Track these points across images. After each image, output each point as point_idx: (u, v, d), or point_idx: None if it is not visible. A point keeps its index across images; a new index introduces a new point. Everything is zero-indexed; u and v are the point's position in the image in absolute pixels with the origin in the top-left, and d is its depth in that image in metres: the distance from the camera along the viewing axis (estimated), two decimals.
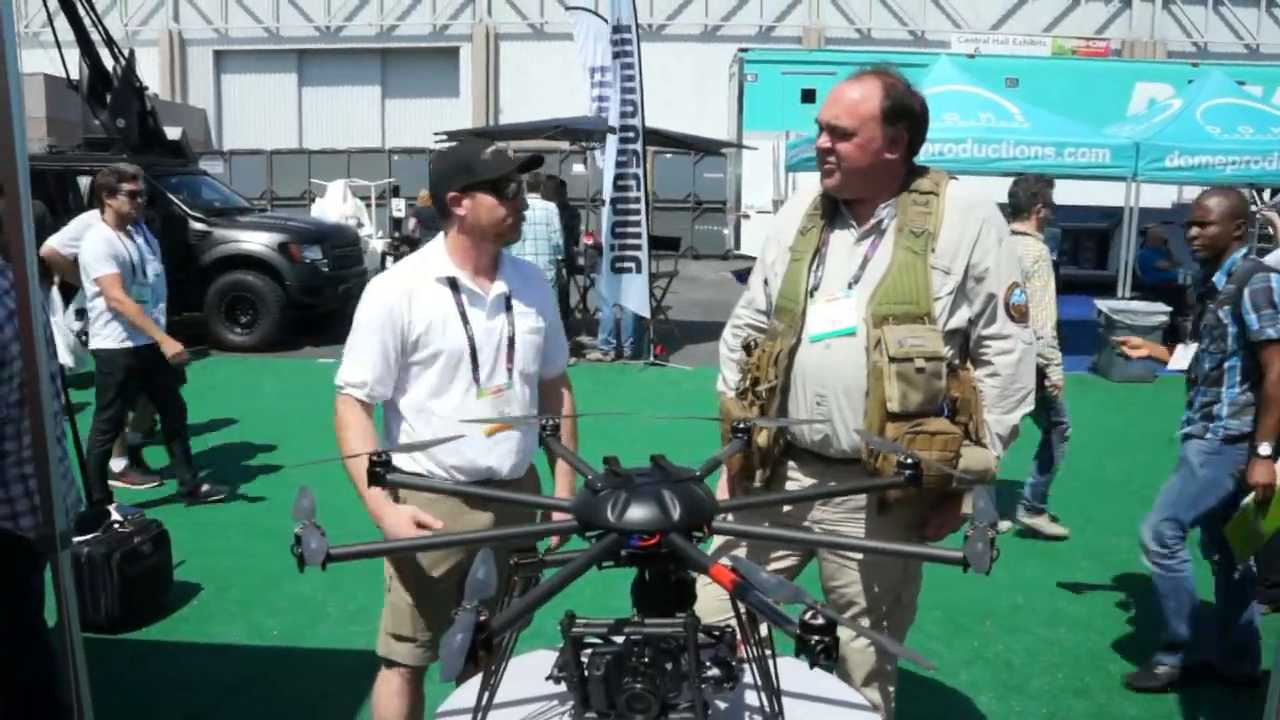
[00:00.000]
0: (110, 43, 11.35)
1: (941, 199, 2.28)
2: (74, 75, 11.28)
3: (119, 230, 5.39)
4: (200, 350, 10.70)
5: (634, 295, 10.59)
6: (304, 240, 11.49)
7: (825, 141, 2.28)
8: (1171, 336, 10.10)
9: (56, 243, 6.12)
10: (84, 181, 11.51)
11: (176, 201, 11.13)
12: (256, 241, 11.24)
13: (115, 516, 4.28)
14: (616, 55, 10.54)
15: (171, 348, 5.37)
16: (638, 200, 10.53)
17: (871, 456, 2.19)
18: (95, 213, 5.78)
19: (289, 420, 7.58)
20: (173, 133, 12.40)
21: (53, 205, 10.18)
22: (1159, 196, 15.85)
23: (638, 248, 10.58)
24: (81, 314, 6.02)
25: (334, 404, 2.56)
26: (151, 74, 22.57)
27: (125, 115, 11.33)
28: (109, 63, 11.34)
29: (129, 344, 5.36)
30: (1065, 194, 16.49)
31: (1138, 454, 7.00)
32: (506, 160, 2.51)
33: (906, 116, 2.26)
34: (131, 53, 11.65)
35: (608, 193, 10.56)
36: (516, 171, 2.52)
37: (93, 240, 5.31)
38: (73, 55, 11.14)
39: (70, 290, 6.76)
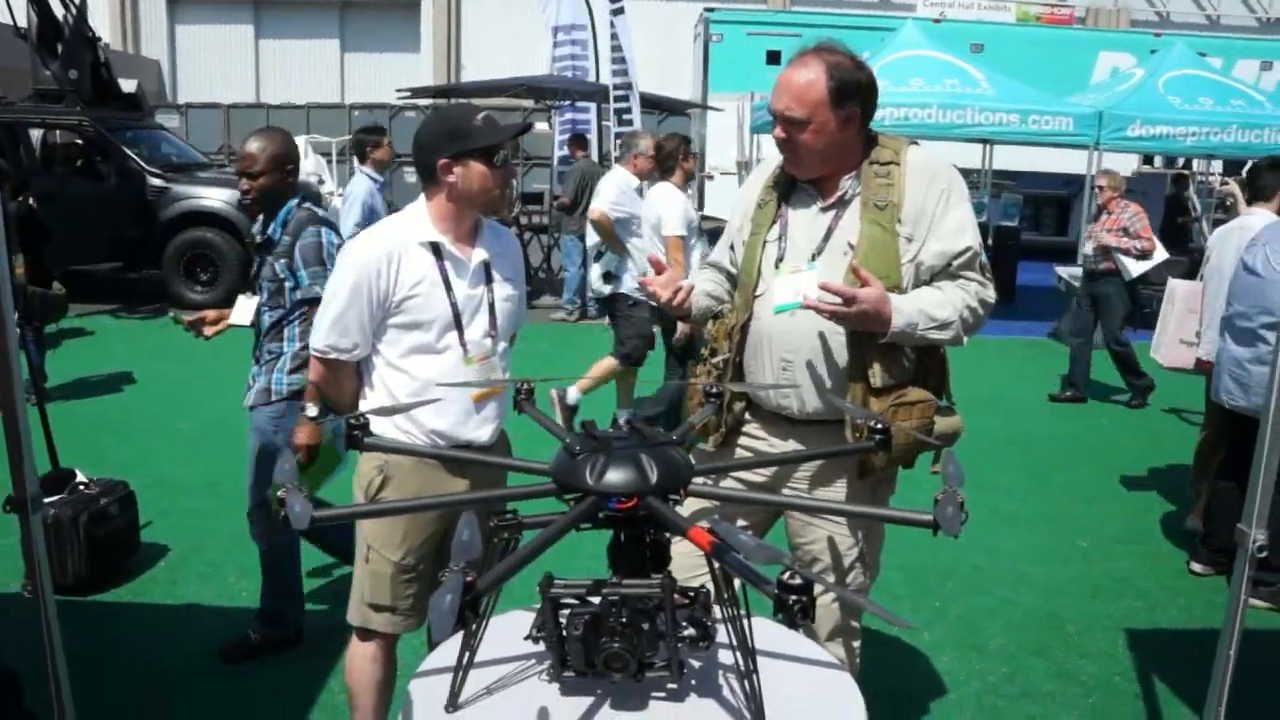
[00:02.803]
0: None
1: (903, 167, 2.31)
2: (21, 23, 10.93)
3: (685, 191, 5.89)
4: (159, 308, 10.53)
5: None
6: None
7: (780, 132, 2.30)
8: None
9: (605, 206, 6.27)
10: (35, 134, 11.25)
11: (133, 156, 10.89)
12: (216, 198, 10.98)
13: (80, 478, 4.23)
14: (616, 13, 10.78)
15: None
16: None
17: (855, 430, 2.23)
18: (664, 184, 5.95)
19: None
20: (127, 85, 12.07)
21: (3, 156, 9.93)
22: (1120, 165, 16.01)
23: None
24: (609, 277, 6.34)
25: (312, 364, 2.56)
26: (102, 23, 21.87)
27: (77, 66, 11.01)
28: (59, 10, 10.99)
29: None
30: (1027, 161, 16.51)
31: (1096, 419, 7.15)
32: (499, 127, 2.47)
33: (855, 94, 2.27)
34: (83, 0, 11.32)
35: None
36: (509, 138, 2.49)
37: (672, 201, 5.77)
38: (19, 1, 10.79)
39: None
